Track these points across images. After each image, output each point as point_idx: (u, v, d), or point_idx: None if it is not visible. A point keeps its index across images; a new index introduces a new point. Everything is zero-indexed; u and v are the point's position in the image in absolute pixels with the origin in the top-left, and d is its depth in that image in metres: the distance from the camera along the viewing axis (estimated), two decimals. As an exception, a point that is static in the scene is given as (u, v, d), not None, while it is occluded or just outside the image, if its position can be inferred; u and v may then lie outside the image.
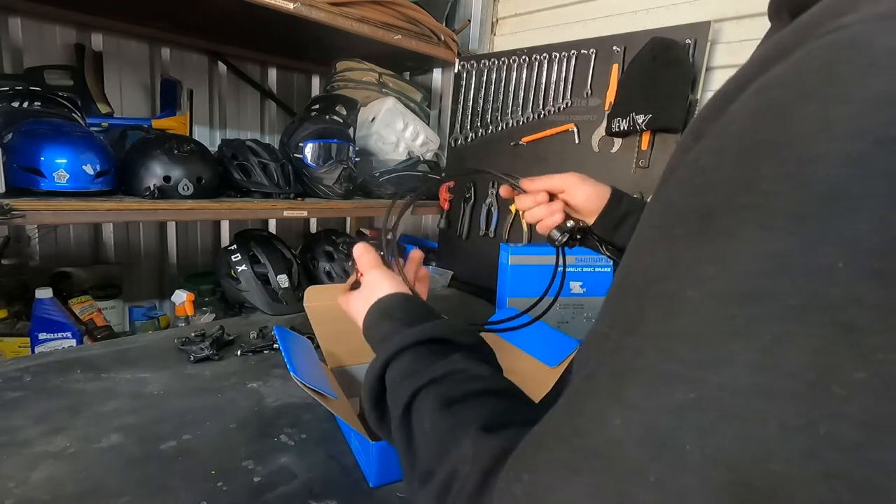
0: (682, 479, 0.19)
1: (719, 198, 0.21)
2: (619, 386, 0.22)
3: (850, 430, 0.17)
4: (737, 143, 0.22)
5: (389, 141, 1.49)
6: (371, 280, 0.53)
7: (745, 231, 0.20)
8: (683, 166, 0.25)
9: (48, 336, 1.04)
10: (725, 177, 0.21)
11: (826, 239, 0.18)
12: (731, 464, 0.19)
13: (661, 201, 0.26)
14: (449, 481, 0.31)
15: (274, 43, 1.55)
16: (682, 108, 1.04)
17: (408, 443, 0.36)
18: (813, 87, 0.20)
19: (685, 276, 0.21)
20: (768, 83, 0.22)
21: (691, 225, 0.22)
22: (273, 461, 0.62)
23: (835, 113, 0.19)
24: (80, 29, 1.35)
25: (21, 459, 0.59)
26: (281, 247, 1.32)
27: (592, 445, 0.22)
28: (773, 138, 0.20)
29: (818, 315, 0.18)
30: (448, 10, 1.55)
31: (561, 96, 1.27)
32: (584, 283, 1.07)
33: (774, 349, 0.18)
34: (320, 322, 0.79)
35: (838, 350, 0.17)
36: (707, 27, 1.05)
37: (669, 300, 0.22)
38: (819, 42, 0.21)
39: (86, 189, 0.92)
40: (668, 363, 0.21)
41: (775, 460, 0.18)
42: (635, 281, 0.25)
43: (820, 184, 0.18)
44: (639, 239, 0.26)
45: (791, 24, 0.24)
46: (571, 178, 0.66)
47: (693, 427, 0.19)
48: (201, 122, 1.62)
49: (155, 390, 0.77)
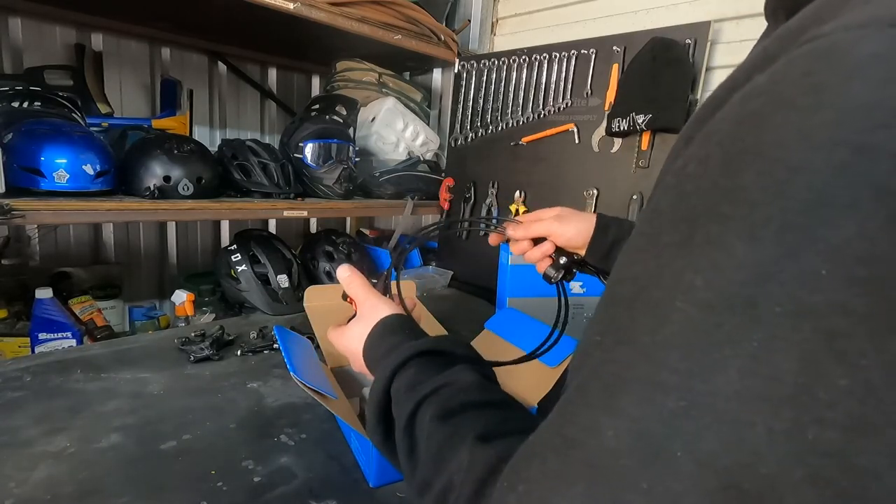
0: (673, 485, 0.20)
1: (703, 206, 0.22)
2: (610, 396, 0.22)
3: (836, 436, 0.18)
4: (720, 151, 0.22)
5: (389, 141, 1.49)
6: (372, 305, 0.51)
7: (730, 240, 0.20)
8: (672, 173, 0.25)
9: (48, 336, 1.04)
10: (710, 185, 0.22)
11: (809, 247, 0.18)
12: (722, 468, 0.19)
13: (650, 209, 0.26)
14: (445, 491, 0.31)
15: (274, 43, 1.55)
16: (682, 108, 1.04)
17: (410, 454, 0.36)
18: (792, 97, 0.20)
19: (673, 285, 0.22)
20: (751, 92, 0.22)
21: (678, 233, 0.22)
22: (273, 461, 0.62)
23: (815, 122, 0.19)
24: (80, 29, 1.35)
25: (21, 459, 0.59)
26: (281, 247, 1.32)
27: (585, 455, 0.22)
28: (755, 147, 0.20)
29: (803, 322, 0.18)
30: (448, 10, 1.55)
31: (561, 96, 1.27)
32: (584, 284, 1.07)
33: (762, 355, 0.19)
34: (320, 322, 0.79)
35: (823, 357, 0.18)
36: (707, 27, 1.05)
37: (658, 309, 0.22)
38: (799, 51, 0.21)
39: (86, 189, 0.93)
40: (659, 372, 0.21)
41: (764, 464, 0.18)
42: (625, 289, 0.25)
43: (802, 193, 0.19)
44: (629, 247, 0.26)
45: (778, 31, 0.24)
46: (552, 224, 0.67)
47: (684, 434, 0.20)
48: (201, 122, 1.62)
49: (155, 390, 0.77)
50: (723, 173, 0.21)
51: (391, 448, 0.40)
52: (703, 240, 0.21)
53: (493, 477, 0.28)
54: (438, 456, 0.33)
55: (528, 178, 1.34)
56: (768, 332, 0.19)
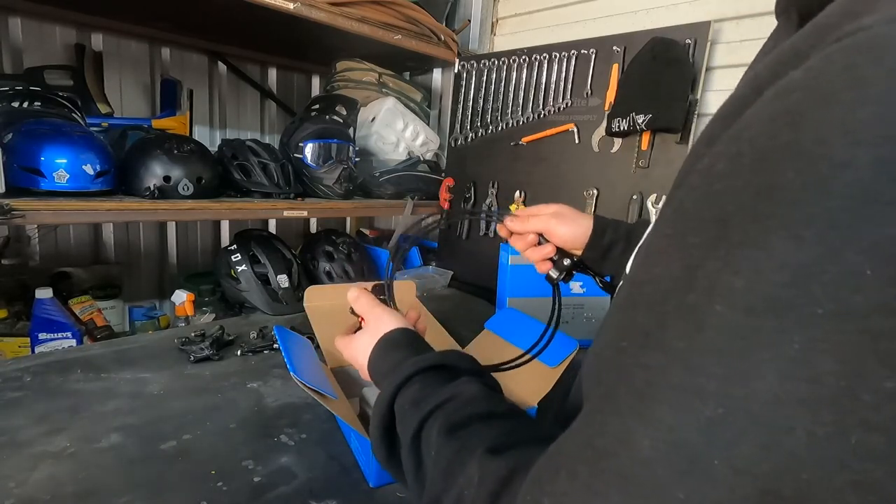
0: (711, 493, 0.19)
1: (737, 205, 0.21)
2: (644, 404, 0.22)
3: (881, 439, 0.17)
4: (754, 148, 0.21)
5: (389, 141, 1.49)
6: (376, 317, 0.52)
7: (771, 239, 0.19)
8: (696, 173, 0.24)
9: (48, 336, 1.04)
10: (743, 183, 0.21)
11: (853, 246, 0.18)
12: (760, 474, 0.18)
13: (673, 209, 0.25)
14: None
15: (274, 43, 1.55)
16: (682, 108, 1.04)
17: (417, 470, 0.36)
18: (834, 91, 0.19)
19: (709, 287, 0.21)
20: (786, 87, 0.22)
21: (707, 233, 0.22)
22: (273, 461, 0.62)
23: (858, 117, 0.18)
24: (80, 29, 1.35)
25: (21, 459, 0.59)
26: (281, 247, 1.32)
27: (617, 466, 0.22)
28: (794, 143, 0.20)
29: (846, 323, 0.18)
30: (448, 10, 1.55)
31: (561, 96, 1.27)
32: (583, 283, 1.06)
33: (802, 358, 0.18)
34: (320, 322, 0.79)
35: (867, 358, 0.17)
36: (707, 27, 1.05)
37: (694, 313, 0.21)
38: (838, 45, 0.20)
39: (86, 189, 0.92)
40: (696, 378, 0.20)
41: (804, 469, 0.18)
42: (647, 292, 0.24)
43: (846, 189, 0.18)
44: (650, 249, 0.26)
45: (805, 28, 0.24)
46: (549, 221, 0.66)
47: (721, 441, 0.19)
48: (201, 122, 1.62)
49: (155, 390, 0.77)
50: (757, 171, 0.21)
51: (396, 465, 0.39)
52: (739, 240, 0.20)
53: (506, 490, 0.28)
54: (447, 471, 0.33)
55: (528, 178, 1.34)
56: (809, 335, 0.18)
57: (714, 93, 1.12)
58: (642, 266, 0.26)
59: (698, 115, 1.09)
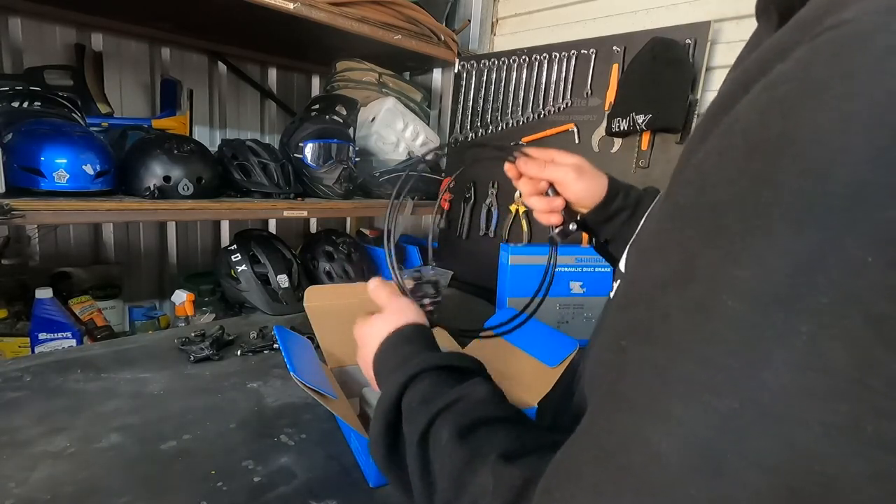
0: (725, 489, 0.19)
1: (734, 196, 0.21)
2: (654, 400, 0.21)
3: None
4: (746, 139, 0.21)
5: (389, 141, 1.49)
6: (398, 306, 0.50)
7: (773, 228, 0.19)
8: (690, 168, 0.24)
9: (48, 336, 1.04)
10: (738, 174, 0.21)
11: (853, 233, 0.18)
12: (775, 468, 0.18)
13: (668, 205, 0.25)
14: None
15: (274, 43, 1.55)
16: (682, 108, 1.04)
17: (423, 472, 0.35)
18: (824, 81, 0.19)
19: (713, 280, 0.21)
20: (774, 80, 0.22)
21: (705, 225, 0.22)
22: (273, 461, 0.62)
23: (850, 106, 0.18)
24: (80, 29, 1.35)
25: (21, 459, 0.59)
26: (281, 247, 1.32)
27: (629, 464, 0.21)
28: (787, 133, 0.20)
29: (850, 310, 0.17)
30: (448, 10, 1.55)
31: (561, 96, 1.27)
32: (583, 283, 1.06)
33: (811, 348, 0.18)
34: (320, 322, 0.79)
35: (873, 344, 0.17)
36: (707, 27, 1.05)
37: (699, 306, 0.21)
38: (824, 37, 0.21)
39: (86, 189, 0.92)
40: (707, 372, 0.20)
41: (820, 462, 0.18)
42: (646, 289, 0.24)
43: (843, 178, 0.18)
44: (644, 246, 0.26)
45: (788, 24, 0.24)
46: (569, 173, 0.63)
47: (734, 435, 0.19)
48: (201, 122, 1.62)
49: (155, 390, 0.77)
50: (752, 161, 0.21)
51: (395, 463, 0.39)
52: (741, 230, 0.20)
53: (521, 499, 0.27)
54: (459, 479, 0.32)
55: (528, 178, 1.34)
56: (816, 324, 0.18)
57: (714, 93, 1.11)
58: (638, 264, 0.26)
59: (698, 115, 1.09)
